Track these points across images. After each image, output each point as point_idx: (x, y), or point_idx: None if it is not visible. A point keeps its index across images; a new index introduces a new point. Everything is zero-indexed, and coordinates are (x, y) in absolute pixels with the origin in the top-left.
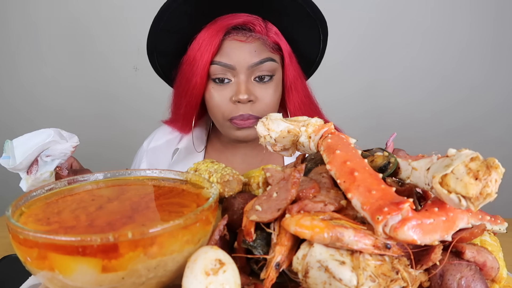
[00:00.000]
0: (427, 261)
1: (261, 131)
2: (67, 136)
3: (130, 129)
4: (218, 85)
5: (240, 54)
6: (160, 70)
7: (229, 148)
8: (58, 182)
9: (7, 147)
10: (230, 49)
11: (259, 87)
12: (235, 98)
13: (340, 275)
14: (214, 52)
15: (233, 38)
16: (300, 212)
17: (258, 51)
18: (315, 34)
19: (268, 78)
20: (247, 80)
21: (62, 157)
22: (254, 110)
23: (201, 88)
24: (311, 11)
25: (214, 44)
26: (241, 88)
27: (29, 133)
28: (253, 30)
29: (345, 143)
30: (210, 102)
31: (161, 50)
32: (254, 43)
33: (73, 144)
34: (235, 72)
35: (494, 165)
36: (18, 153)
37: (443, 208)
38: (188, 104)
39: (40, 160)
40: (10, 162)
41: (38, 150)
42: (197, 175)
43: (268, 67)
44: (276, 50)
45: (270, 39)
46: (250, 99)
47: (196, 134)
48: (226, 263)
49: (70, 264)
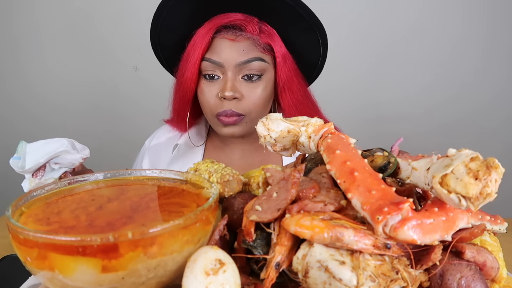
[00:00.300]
0: (427, 261)
1: (261, 131)
2: (79, 147)
3: (133, 125)
4: (208, 81)
5: (229, 52)
6: (165, 63)
7: (228, 144)
8: (58, 182)
9: (20, 149)
10: (219, 47)
11: (246, 86)
12: (221, 95)
13: (340, 275)
14: (205, 49)
15: (223, 36)
16: (300, 212)
17: (246, 50)
18: (313, 38)
19: (256, 77)
20: (234, 78)
21: (70, 166)
22: (238, 108)
23: (193, 83)
24: (304, 13)
25: (205, 41)
26: (227, 85)
27: (44, 140)
28: (244, 29)
29: (345, 143)
30: (201, 98)
31: (164, 44)
32: (244, 42)
33: (83, 156)
34: (223, 69)
35: (494, 165)
36: (30, 158)
37: (443, 208)
38: (181, 99)
39: (48, 166)
40: (19, 164)
41: (47, 158)
42: (197, 175)
43: (257, 67)
44: (268, 50)
45: (262, 40)
46: (235, 96)
47: (195, 130)
48: (226, 263)
49: (70, 264)
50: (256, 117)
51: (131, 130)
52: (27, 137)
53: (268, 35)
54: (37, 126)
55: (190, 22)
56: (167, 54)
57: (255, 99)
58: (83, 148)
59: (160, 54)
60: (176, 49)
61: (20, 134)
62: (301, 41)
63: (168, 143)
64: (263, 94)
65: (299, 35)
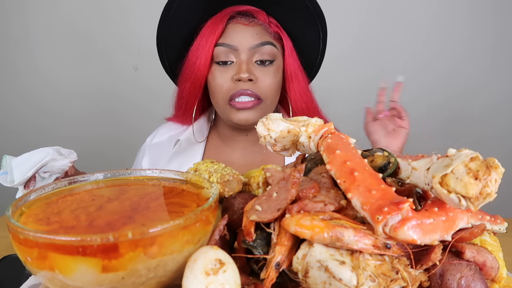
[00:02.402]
0: (427, 261)
1: (261, 131)
2: (65, 153)
3: (131, 127)
4: (221, 66)
5: (243, 36)
6: (167, 63)
7: (228, 143)
8: (58, 182)
9: (4, 163)
10: (233, 31)
11: (260, 69)
12: (236, 77)
13: (340, 275)
14: (219, 35)
15: (237, 22)
16: (300, 212)
17: (259, 34)
18: (315, 32)
19: (268, 62)
20: (248, 61)
21: (60, 172)
22: (254, 89)
23: (205, 70)
24: (310, 3)
25: (220, 27)
26: (242, 67)
27: (27, 153)
28: (256, 17)
29: (345, 143)
30: (212, 84)
31: (169, 41)
32: (257, 27)
33: (71, 160)
34: (237, 53)
35: (494, 165)
36: (17, 173)
37: (443, 208)
38: (191, 87)
39: (38, 176)
40: (8, 179)
41: (35, 170)
42: (197, 175)
43: (269, 51)
44: (277, 39)
45: (272, 28)
46: (250, 77)
47: (197, 127)
48: (226, 263)
49: (70, 264)
50: (271, 105)
51: (130, 131)
52: (27, 139)
53: (277, 26)
54: (35, 128)
55: (200, 13)
56: (171, 51)
57: (268, 83)
58: (70, 153)
59: (164, 52)
60: (182, 44)
61: (18, 137)
62: (304, 38)
63: (169, 141)
64: (275, 78)
65: (302, 31)
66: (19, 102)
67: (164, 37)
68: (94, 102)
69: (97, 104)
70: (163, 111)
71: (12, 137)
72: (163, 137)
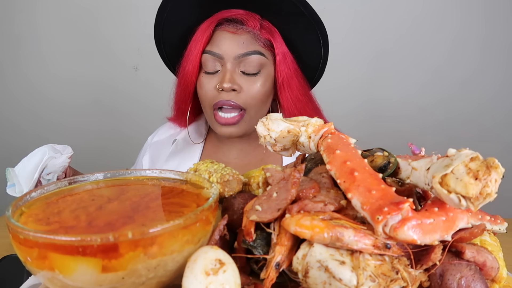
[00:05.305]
0: (427, 261)
1: (261, 131)
2: (60, 149)
3: (132, 124)
4: (208, 74)
5: (229, 44)
6: (168, 60)
7: (226, 143)
8: (58, 182)
9: (9, 175)
10: (220, 39)
11: (245, 79)
12: (219, 86)
13: (340, 275)
14: (205, 42)
15: (224, 29)
16: (300, 212)
17: (246, 43)
18: (314, 38)
19: (255, 72)
20: (233, 70)
21: (61, 170)
22: (237, 99)
23: (193, 76)
24: (305, 10)
25: (207, 34)
26: (225, 77)
27: (25, 158)
28: (245, 23)
29: (345, 143)
30: (199, 91)
31: (167, 41)
32: (244, 35)
33: (68, 155)
34: (223, 61)
35: (494, 165)
36: (24, 180)
37: (443, 208)
38: (182, 92)
39: (42, 180)
40: (17, 190)
41: (39, 172)
42: (197, 175)
43: (256, 61)
44: (268, 46)
45: (263, 35)
46: (233, 88)
47: (195, 127)
48: (226, 263)
49: (70, 264)
50: (255, 115)
51: (131, 129)
52: (28, 136)
53: (269, 31)
54: (38, 126)
55: (194, 17)
56: (170, 51)
57: (253, 93)
58: (64, 148)
59: (163, 50)
60: (180, 45)
61: (21, 134)
62: (303, 41)
63: (169, 140)
64: (261, 89)
65: (301, 35)
66: (24, 97)
67: (161, 37)
68: (94, 99)
69: (98, 101)
70: (163, 109)
71: (15, 130)
72: (163, 136)
